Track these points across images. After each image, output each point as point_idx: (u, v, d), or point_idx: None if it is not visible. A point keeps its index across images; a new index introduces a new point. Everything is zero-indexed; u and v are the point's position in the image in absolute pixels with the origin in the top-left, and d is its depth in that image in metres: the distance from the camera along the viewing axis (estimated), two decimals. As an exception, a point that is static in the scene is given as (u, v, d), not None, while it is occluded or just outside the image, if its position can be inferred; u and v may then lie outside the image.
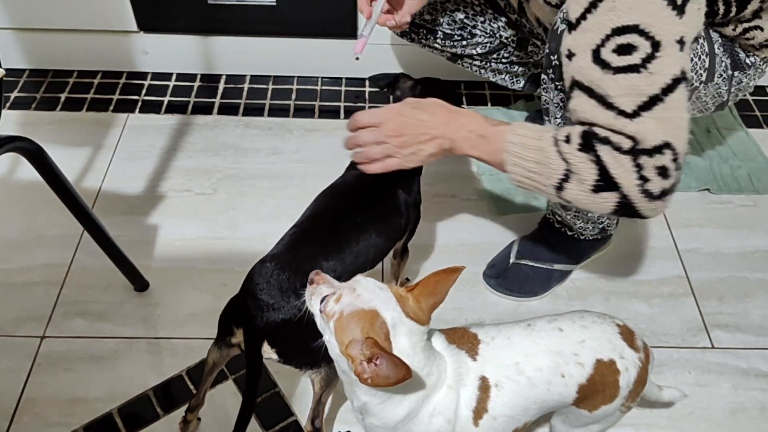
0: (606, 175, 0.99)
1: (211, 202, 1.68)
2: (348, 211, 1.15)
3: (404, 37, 1.55)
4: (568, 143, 1.01)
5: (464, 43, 1.53)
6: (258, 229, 1.60)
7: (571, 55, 1.00)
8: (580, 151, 1.00)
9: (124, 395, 1.31)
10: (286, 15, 1.89)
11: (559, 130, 1.04)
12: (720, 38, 1.24)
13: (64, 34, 1.94)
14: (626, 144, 0.98)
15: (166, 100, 1.95)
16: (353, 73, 2.02)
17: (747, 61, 1.27)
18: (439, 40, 1.53)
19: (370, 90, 2.00)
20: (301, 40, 1.95)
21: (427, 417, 0.93)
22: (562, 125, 1.18)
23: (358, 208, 1.16)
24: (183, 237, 1.59)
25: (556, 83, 1.14)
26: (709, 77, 1.24)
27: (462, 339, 1.00)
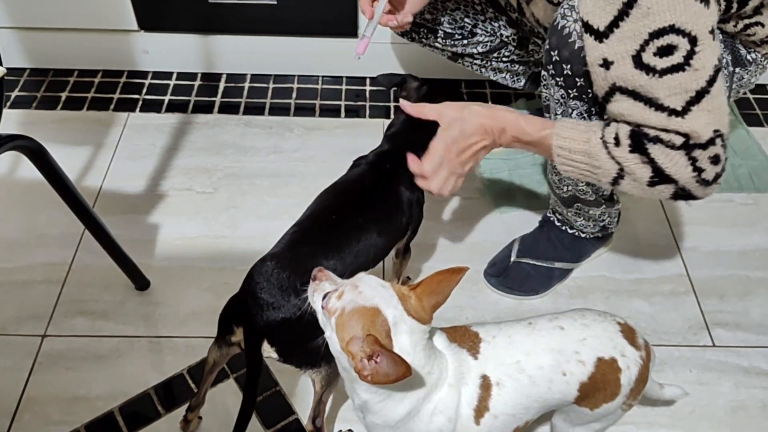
0: (661, 173, 1.03)
1: (212, 200, 1.68)
2: (349, 210, 1.15)
3: (405, 37, 1.55)
4: (618, 146, 1.04)
5: (465, 42, 1.53)
6: (259, 228, 1.60)
7: (609, 64, 1.01)
8: (632, 152, 1.03)
9: (125, 394, 1.31)
10: (287, 14, 1.88)
11: (606, 129, 1.05)
12: (721, 34, 1.24)
13: (64, 33, 1.94)
14: (678, 140, 1.00)
15: (167, 99, 1.95)
16: (354, 72, 2.02)
17: (748, 58, 1.27)
18: (439, 40, 1.53)
19: (371, 89, 2.00)
20: (302, 38, 1.95)
21: (428, 416, 0.93)
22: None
23: (359, 207, 1.16)
24: (184, 236, 1.59)
25: (557, 79, 1.14)
26: None
27: (463, 338, 1.00)
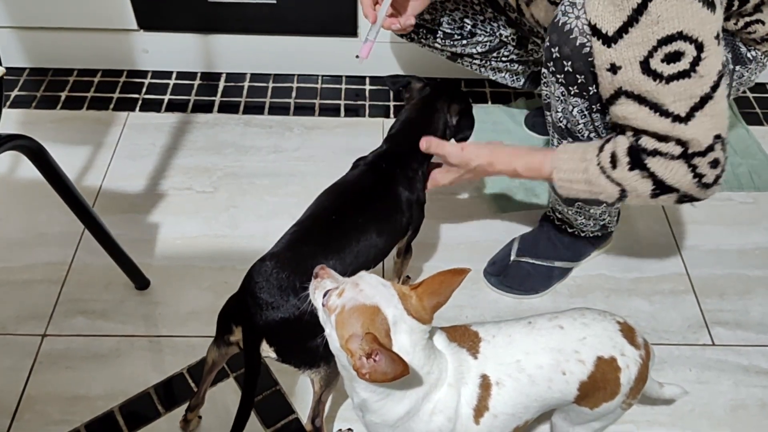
0: (662, 184, 1.05)
1: (212, 200, 1.68)
2: (349, 210, 1.15)
3: (404, 37, 1.55)
4: (615, 168, 1.06)
5: (464, 42, 1.53)
6: (258, 227, 1.60)
7: (616, 69, 1.01)
8: (631, 170, 1.05)
9: (125, 393, 1.31)
10: (286, 13, 1.88)
11: (601, 155, 1.07)
12: (722, 32, 1.24)
13: (64, 33, 1.94)
14: (677, 150, 1.02)
15: (167, 98, 1.95)
16: (353, 71, 2.01)
17: (748, 56, 1.27)
18: (439, 40, 1.53)
19: (370, 88, 2.00)
20: (301, 38, 1.95)
21: (428, 415, 0.93)
22: (564, 119, 1.18)
23: (359, 207, 1.16)
24: (184, 235, 1.59)
25: (557, 76, 1.13)
26: None
27: (463, 337, 1.00)
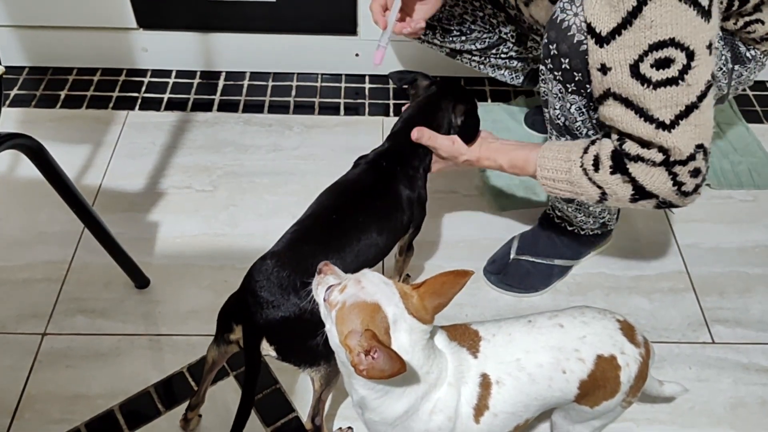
0: (642, 190, 1.06)
1: (212, 199, 1.68)
2: (349, 209, 1.15)
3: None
4: (597, 170, 1.07)
5: (463, 38, 1.53)
6: (258, 226, 1.60)
7: (606, 69, 1.02)
8: (613, 173, 1.06)
9: (126, 392, 1.31)
10: (286, 11, 1.88)
11: (584, 156, 1.09)
12: (721, 32, 1.23)
13: (63, 32, 1.94)
14: (659, 157, 1.03)
15: (166, 97, 1.95)
16: (353, 70, 2.01)
17: (747, 55, 1.27)
18: (438, 36, 1.53)
19: (370, 86, 1.99)
20: (301, 36, 1.95)
21: (427, 414, 0.93)
22: (562, 116, 1.18)
23: (360, 206, 1.16)
24: (183, 234, 1.59)
25: (555, 73, 1.13)
26: None
27: (463, 336, 1.00)
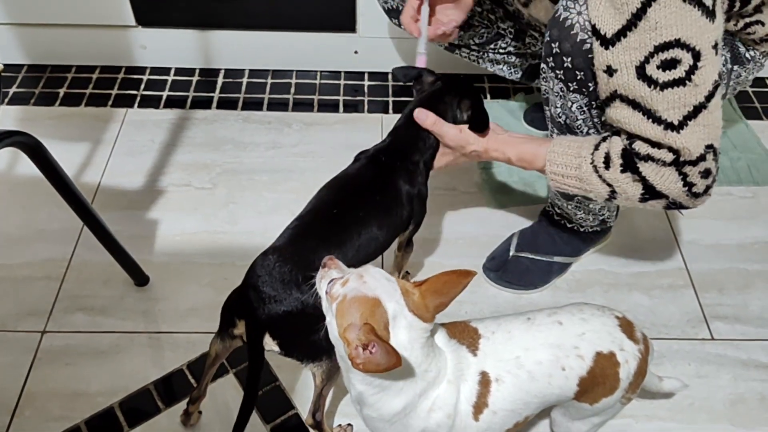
0: (652, 189, 1.05)
1: (211, 196, 1.68)
2: (349, 204, 1.15)
3: (402, 26, 1.55)
4: (608, 168, 1.07)
5: (461, 32, 1.53)
6: (258, 223, 1.60)
7: (612, 71, 1.01)
8: (623, 172, 1.06)
9: (125, 389, 1.31)
10: (285, 9, 1.88)
11: (595, 153, 1.08)
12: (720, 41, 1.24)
13: (62, 30, 1.93)
14: (669, 157, 1.02)
15: (165, 94, 1.95)
16: (352, 67, 2.01)
17: (747, 56, 1.27)
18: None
19: (369, 83, 1.99)
20: (300, 34, 1.94)
21: (425, 412, 0.93)
22: (563, 114, 1.18)
23: (360, 201, 1.16)
24: (183, 231, 1.59)
25: (557, 72, 1.13)
26: None
27: (463, 334, 1.00)
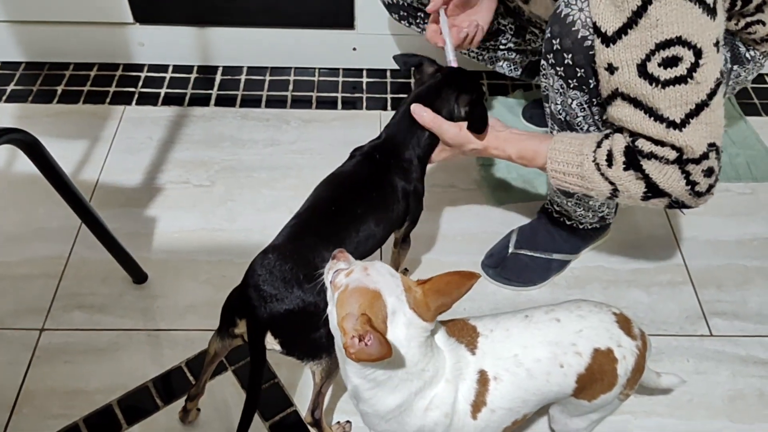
0: (654, 187, 1.04)
1: (209, 193, 1.67)
2: (347, 201, 1.15)
3: (402, 22, 1.54)
4: (611, 166, 1.06)
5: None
6: (256, 221, 1.60)
7: (613, 69, 1.01)
8: (626, 170, 1.05)
9: (124, 387, 1.31)
10: (283, 6, 1.88)
11: (598, 151, 1.07)
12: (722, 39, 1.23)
13: (60, 27, 1.93)
14: (672, 155, 1.01)
15: (163, 91, 1.95)
16: (350, 64, 2.01)
17: (747, 55, 1.27)
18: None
19: (367, 80, 1.99)
20: (298, 30, 1.94)
21: (422, 411, 0.93)
22: (563, 111, 1.18)
23: (357, 197, 1.16)
24: (181, 229, 1.59)
25: (557, 69, 1.13)
26: None
27: (462, 332, 1.00)
